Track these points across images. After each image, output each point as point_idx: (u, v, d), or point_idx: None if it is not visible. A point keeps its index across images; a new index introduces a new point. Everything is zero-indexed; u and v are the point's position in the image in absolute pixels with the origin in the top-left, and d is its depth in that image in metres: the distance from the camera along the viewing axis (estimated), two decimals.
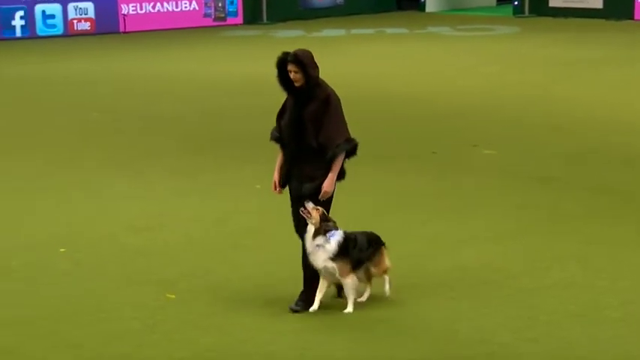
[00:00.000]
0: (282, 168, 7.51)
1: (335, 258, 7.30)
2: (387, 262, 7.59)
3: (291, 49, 7.59)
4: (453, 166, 12.20)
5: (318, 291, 7.42)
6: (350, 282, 7.36)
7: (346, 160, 7.49)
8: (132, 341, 7.00)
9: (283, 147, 7.49)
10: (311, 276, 7.48)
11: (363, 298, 7.61)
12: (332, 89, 7.46)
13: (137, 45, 25.50)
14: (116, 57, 23.36)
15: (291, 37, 25.82)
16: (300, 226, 7.45)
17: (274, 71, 7.44)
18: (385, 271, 7.62)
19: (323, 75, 7.56)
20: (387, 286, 7.66)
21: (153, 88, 18.75)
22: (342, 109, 7.45)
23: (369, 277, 7.61)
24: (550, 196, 10.74)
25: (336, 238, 7.33)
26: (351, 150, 7.44)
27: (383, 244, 7.66)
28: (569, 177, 11.58)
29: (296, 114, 7.34)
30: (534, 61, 20.57)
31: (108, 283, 8.21)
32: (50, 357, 6.76)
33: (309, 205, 7.28)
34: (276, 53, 7.53)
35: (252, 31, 27.33)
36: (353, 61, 21.52)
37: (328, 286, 7.49)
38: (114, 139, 14.37)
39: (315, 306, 7.43)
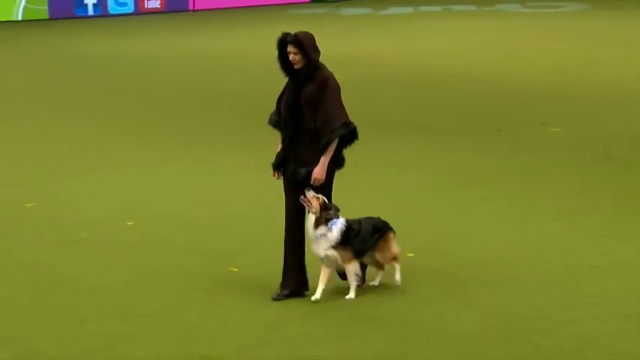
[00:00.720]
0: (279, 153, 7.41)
1: (336, 246, 7.17)
2: (394, 249, 7.39)
3: (357, 27, 7.62)
4: (518, 143, 12.14)
5: (320, 281, 7.26)
6: (351, 268, 7.23)
7: (347, 146, 7.33)
8: (196, 312, 7.14)
9: (281, 131, 7.38)
10: (292, 262, 7.31)
11: (375, 282, 7.46)
12: (331, 73, 7.32)
13: (206, 23, 25.73)
14: (185, 35, 23.60)
15: (357, 15, 25.77)
16: (294, 213, 7.26)
17: (340, 50, 7.42)
18: (394, 259, 7.42)
19: (390, 54, 7.57)
20: (398, 276, 7.44)
21: (221, 66, 18.93)
22: (340, 94, 7.29)
23: (379, 265, 7.46)
24: (616, 175, 10.63)
25: (337, 226, 7.19)
26: (350, 135, 7.27)
27: (390, 229, 7.44)
28: (637, 156, 11.43)
29: (293, 96, 7.25)
30: (603, 38, 20.25)
31: (173, 256, 8.38)
32: (117, 326, 6.93)
33: (310, 194, 7.13)
34: (343, 31, 7.55)
35: (319, 9, 27.34)
36: (420, 39, 21.43)
37: (329, 275, 7.31)
38: (182, 116, 14.57)
39: (318, 295, 7.24)
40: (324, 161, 7.19)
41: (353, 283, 7.28)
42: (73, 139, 13.22)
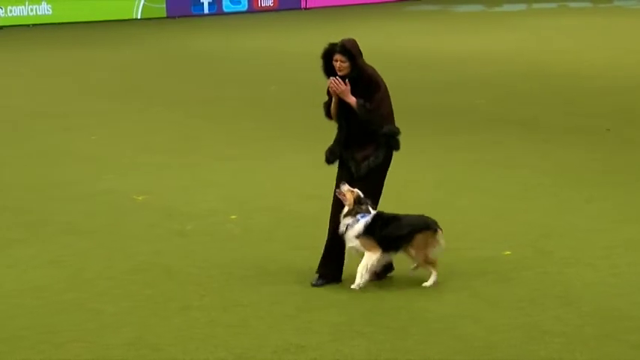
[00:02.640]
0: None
1: (359, 236, 7.36)
2: (429, 250, 7.37)
3: (470, 24, 7.71)
4: (627, 142, 11.96)
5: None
6: (369, 257, 7.33)
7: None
8: (293, 304, 7.30)
9: (338, 129, 7.63)
10: (332, 251, 7.56)
11: (428, 283, 7.44)
12: (372, 68, 7.44)
13: (317, 21, 26.01)
14: (297, 33, 23.93)
15: (470, 12, 25.67)
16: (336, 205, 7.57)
17: (451, 47, 7.51)
18: (428, 260, 7.40)
19: (501, 51, 7.58)
20: (430, 281, 7.44)
21: None
22: (387, 93, 7.44)
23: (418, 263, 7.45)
24: None
25: (365, 219, 7.36)
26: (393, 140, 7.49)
27: (434, 229, 7.41)
28: None
29: (345, 102, 7.42)
30: None
31: (275, 248, 8.57)
32: (218, 315, 7.14)
33: (345, 188, 7.39)
34: (455, 28, 7.63)
35: (433, 6, 27.33)
36: (533, 36, 21.23)
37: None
38: (290, 111, 14.83)
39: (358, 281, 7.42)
40: (353, 100, 7.34)
41: (360, 272, 7.37)
42: (185, 132, 13.61)
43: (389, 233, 7.36)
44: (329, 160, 7.67)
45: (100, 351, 6.56)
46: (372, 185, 7.49)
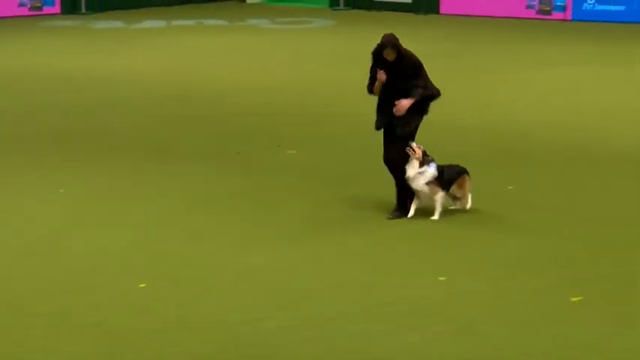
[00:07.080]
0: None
1: (430, 182, 9.94)
2: (466, 186, 10.23)
3: (110, 41, 7.72)
4: (257, 166, 12.50)
5: (413, 204, 10.13)
6: (438, 198, 10.05)
7: (431, 101, 10.08)
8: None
9: (384, 101, 10.03)
10: (404, 194, 10.17)
11: (469, 205, 10.31)
12: (409, 51, 9.95)
13: None
14: None
15: (110, 29, 25.56)
16: (389, 159, 10.17)
17: (89, 66, 7.60)
18: (464, 195, 10.23)
19: (144, 70, 7.58)
20: (469, 204, 10.29)
21: None
22: (423, 67, 9.97)
23: (454, 198, 10.26)
24: (353, 193, 11.18)
25: (433, 167, 9.97)
26: (430, 96, 10.00)
27: (466, 172, 10.21)
28: (373, 175, 12.11)
29: (393, 83, 9.90)
30: (344, 55, 20.99)
31: None
32: None
33: (414, 145, 9.94)
34: (97, 46, 7.64)
35: (71, 22, 26.87)
36: (171, 55, 21.56)
37: (420, 203, 10.13)
38: None
39: (412, 213, 10.13)
40: (410, 100, 9.91)
41: (438, 209, 10.07)
42: None
43: (446, 178, 10.04)
44: (377, 127, 10.16)
45: None
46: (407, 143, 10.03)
